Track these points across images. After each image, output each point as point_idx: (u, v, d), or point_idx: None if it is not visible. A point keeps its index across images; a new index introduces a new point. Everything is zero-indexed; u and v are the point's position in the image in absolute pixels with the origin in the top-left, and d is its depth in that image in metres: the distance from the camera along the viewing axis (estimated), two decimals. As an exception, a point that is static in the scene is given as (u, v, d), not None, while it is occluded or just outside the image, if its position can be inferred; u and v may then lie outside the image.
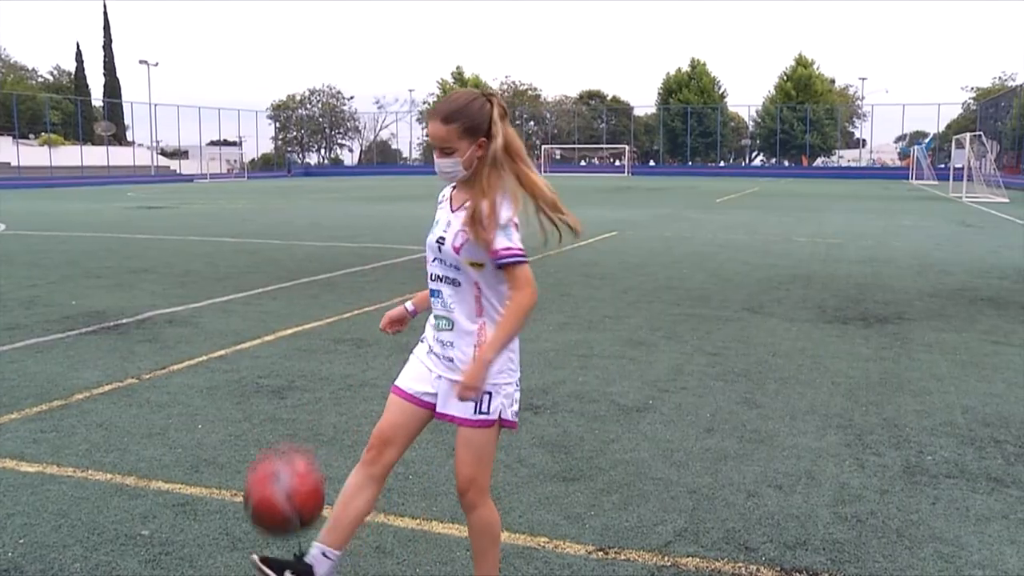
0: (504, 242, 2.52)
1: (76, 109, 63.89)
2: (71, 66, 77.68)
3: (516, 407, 2.67)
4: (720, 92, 76.90)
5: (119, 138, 69.11)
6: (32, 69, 79.89)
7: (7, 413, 4.95)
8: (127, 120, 73.72)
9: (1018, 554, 3.28)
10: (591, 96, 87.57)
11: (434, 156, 2.60)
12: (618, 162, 74.99)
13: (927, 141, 65.62)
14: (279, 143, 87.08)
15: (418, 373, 2.72)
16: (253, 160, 78.60)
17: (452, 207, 2.64)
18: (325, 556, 2.68)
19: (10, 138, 56.97)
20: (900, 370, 6.04)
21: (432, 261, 2.67)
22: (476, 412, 2.60)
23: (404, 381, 2.75)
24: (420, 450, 4.25)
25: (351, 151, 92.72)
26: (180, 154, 69.82)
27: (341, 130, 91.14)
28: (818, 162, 73.76)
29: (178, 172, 64.17)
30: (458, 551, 3.26)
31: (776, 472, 4.09)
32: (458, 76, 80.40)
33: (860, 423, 4.85)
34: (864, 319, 7.87)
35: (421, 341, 2.78)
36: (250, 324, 7.53)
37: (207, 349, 6.56)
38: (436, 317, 2.69)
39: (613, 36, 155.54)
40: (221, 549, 3.29)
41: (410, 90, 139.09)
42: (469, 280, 2.60)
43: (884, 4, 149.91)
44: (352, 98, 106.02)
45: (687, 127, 73.86)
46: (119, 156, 62.59)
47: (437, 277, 2.66)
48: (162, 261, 12.02)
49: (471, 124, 2.52)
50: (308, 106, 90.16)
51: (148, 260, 12.14)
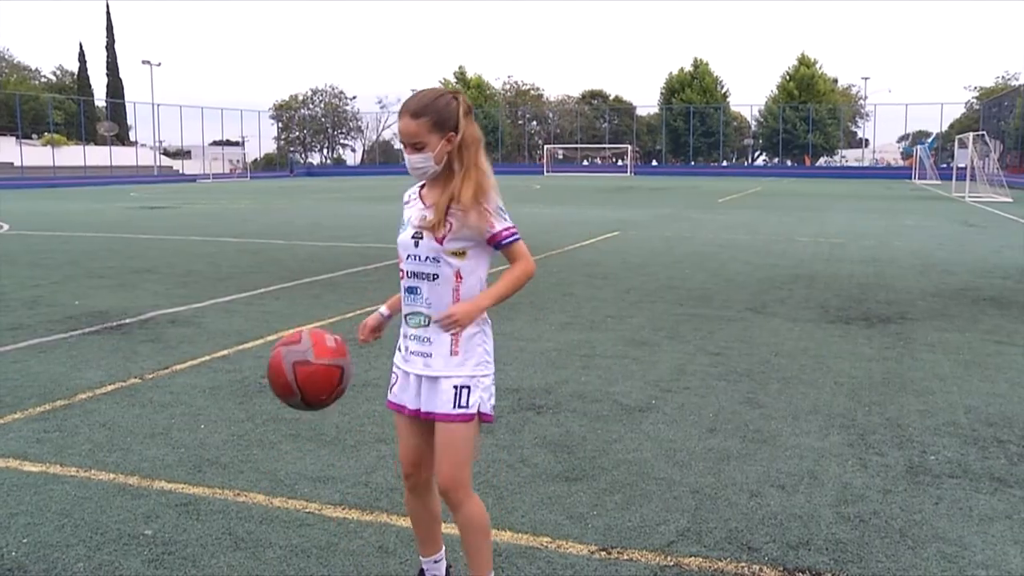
0: (503, 223, 2.64)
1: (79, 109, 63.95)
2: (74, 66, 77.90)
3: (493, 401, 2.74)
4: (723, 92, 76.90)
5: (122, 138, 69.23)
6: (35, 69, 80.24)
7: (10, 413, 4.96)
8: (130, 120, 73.95)
9: (1021, 554, 3.27)
10: (594, 96, 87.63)
11: (405, 154, 2.64)
12: (620, 162, 75.02)
13: (930, 141, 65.50)
14: (282, 143, 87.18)
15: (402, 384, 2.78)
16: (256, 160, 78.69)
17: (425, 203, 2.69)
18: (435, 562, 2.96)
19: (13, 138, 57.06)
20: (903, 370, 6.04)
21: (407, 259, 2.70)
22: (456, 406, 2.65)
23: (397, 395, 2.80)
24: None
25: (353, 151, 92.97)
26: (183, 154, 69.88)
27: (343, 130, 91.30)
28: (821, 162, 73.76)
29: (181, 172, 64.25)
30: (460, 551, 3.26)
31: (779, 472, 4.09)
32: (460, 76, 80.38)
33: (863, 423, 4.84)
34: (867, 319, 7.87)
35: (398, 350, 2.82)
36: (252, 324, 7.53)
37: (210, 349, 6.57)
38: (413, 315, 2.72)
39: (616, 36, 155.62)
40: (224, 549, 3.29)
41: (412, 90, 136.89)
42: (449, 271, 2.65)
43: (887, 4, 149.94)
44: (355, 98, 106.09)
45: (689, 127, 73.84)
46: (122, 156, 62.66)
47: (413, 274, 2.69)
48: (164, 261, 12.04)
49: (439, 118, 2.58)
50: (311, 106, 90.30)
51: (151, 260, 12.16)
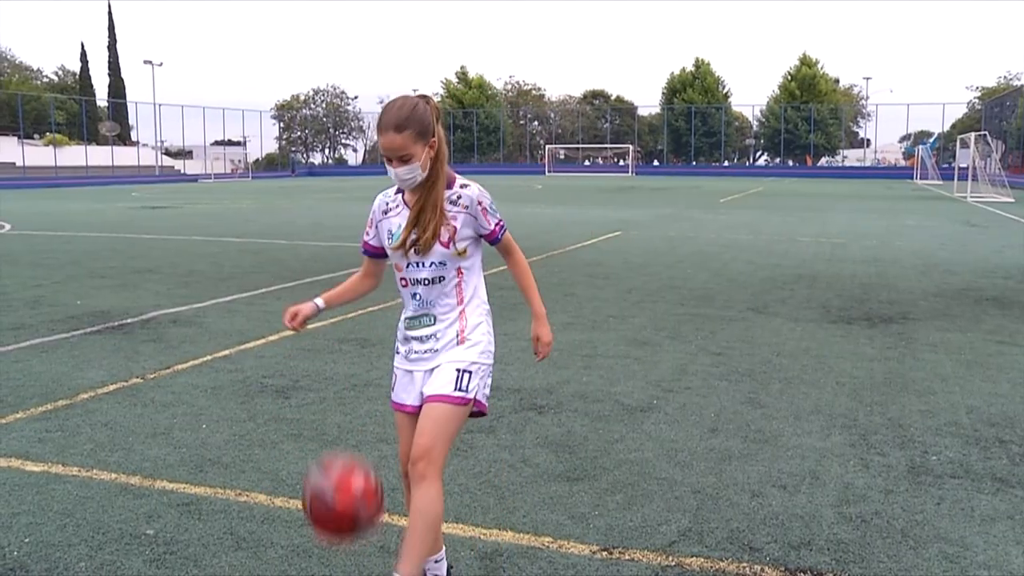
0: (496, 217, 2.75)
1: (81, 109, 63.96)
2: (76, 66, 77.98)
3: (487, 391, 2.76)
4: (724, 92, 76.81)
5: (123, 138, 69.23)
6: (37, 69, 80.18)
7: (12, 413, 4.97)
8: (132, 120, 73.85)
9: (1023, 555, 3.27)
10: (595, 96, 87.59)
11: (390, 167, 2.62)
12: (622, 162, 74.99)
13: (932, 141, 65.41)
14: (283, 143, 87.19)
15: (405, 384, 2.78)
16: (257, 160, 78.63)
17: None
18: (436, 562, 2.84)
19: (15, 138, 57.11)
20: (904, 370, 6.03)
21: (407, 267, 2.70)
22: (456, 388, 2.66)
23: (399, 395, 2.81)
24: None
25: (355, 151, 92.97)
26: (184, 154, 69.91)
27: (345, 130, 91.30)
28: (822, 162, 73.71)
29: (182, 172, 64.28)
30: (463, 551, 3.26)
31: (780, 472, 4.09)
32: (462, 76, 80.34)
33: (864, 423, 4.84)
34: (868, 319, 7.86)
35: (396, 353, 2.82)
36: (254, 324, 7.54)
37: (211, 349, 6.57)
38: (412, 318, 2.73)
39: (617, 36, 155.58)
40: (226, 549, 3.29)
41: (414, 90, 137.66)
42: (453, 272, 2.68)
43: (888, 3, 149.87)
44: (356, 98, 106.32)
45: (691, 127, 73.79)
46: (124, 156, 62.68)
47: (414, 281, 2.70)
48: (166, 261, 12.05)
49: (421, 128, 2.60)
50: (312, 106, 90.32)
51: (152, 260, 12.17)
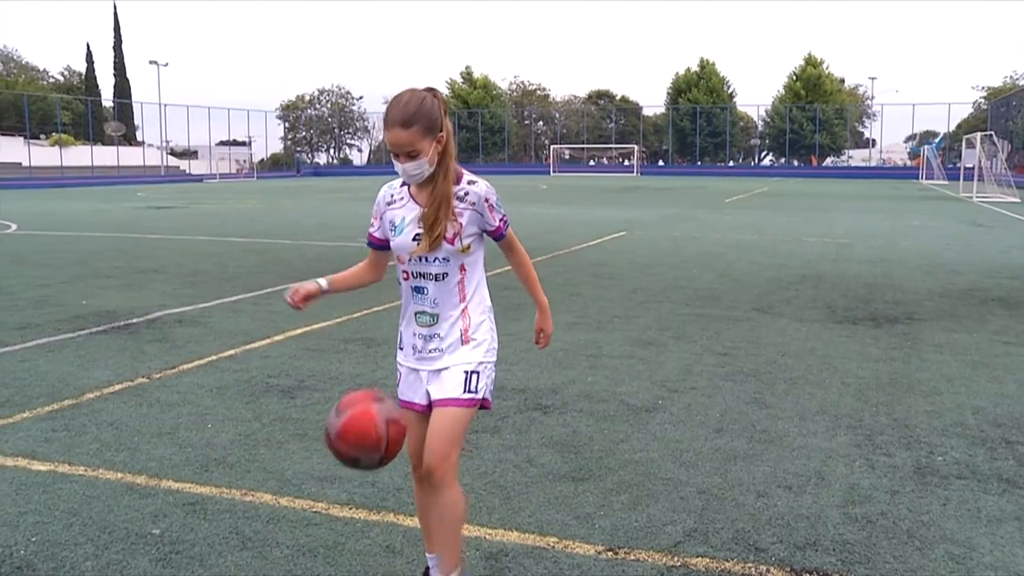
0: (501, 213, 2.73)
1: (87, 109, 64.18)
2: (82, 67, 78.09)
3: (492, 386, 2.78)
4: (729, 92, 76.74)
5: (129, 138, 69.39)
6: (43, 70, 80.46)
7: (19, 412, 4.98)
8: (137, 120, 74.24)
9: (1030, 555, 3.26)
10: (600, 96, 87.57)
11: (397, 162, 2.60)
12: (627, 162, 74.96)
13: (937, 141, 65.32)
14: (288, 143, 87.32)
15: (411, 382, 2.78)
16: (262, 160, 78.77)
17: (419, 203, 2.67)
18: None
19: (21, 138, 57.28)
20: (910, 370, 6.02)
21: (409, 261, 2.68)
22: (466, 391, 2.66)
23: (405, 393, 2.81)
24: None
25: (360, 151, 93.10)
26: (190, 154, 70.08)
27: (350, 130, 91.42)
28: (827, 162, 73.54)
29: (188, 172, 64.43)
30: (468, 551, 3.26)
31: (786, 472, 4.08)
32: (467, 76, 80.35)
33: (870, 423, 4.83)
34: (874, 319, 7.85)
35: (400, 349, 2.81)
36: (259, 324, 7.55)
37: (217, 349, 6.58)
38: (419, 314, 2.71)
39: (622, 36, 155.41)
40: (231, 548, 3.30)
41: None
42: (456, 267, 2.66)
43: (894, 3, 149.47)
44: (361, 98, 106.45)
45: (696, 127, 73.70)
46: (129, 156, 62.86)
47: (420, 275, 2.68)
48: (171, 261, 12.07)
49: (429, 122, 2.57)
50: (317, 106, 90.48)
51: (157, 260, 12.19)
